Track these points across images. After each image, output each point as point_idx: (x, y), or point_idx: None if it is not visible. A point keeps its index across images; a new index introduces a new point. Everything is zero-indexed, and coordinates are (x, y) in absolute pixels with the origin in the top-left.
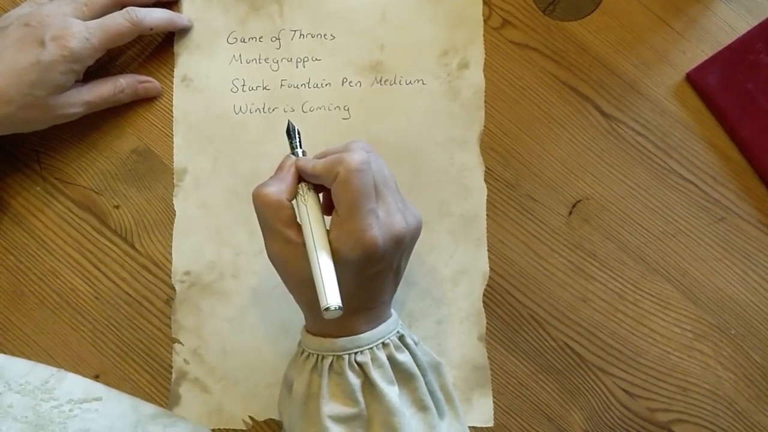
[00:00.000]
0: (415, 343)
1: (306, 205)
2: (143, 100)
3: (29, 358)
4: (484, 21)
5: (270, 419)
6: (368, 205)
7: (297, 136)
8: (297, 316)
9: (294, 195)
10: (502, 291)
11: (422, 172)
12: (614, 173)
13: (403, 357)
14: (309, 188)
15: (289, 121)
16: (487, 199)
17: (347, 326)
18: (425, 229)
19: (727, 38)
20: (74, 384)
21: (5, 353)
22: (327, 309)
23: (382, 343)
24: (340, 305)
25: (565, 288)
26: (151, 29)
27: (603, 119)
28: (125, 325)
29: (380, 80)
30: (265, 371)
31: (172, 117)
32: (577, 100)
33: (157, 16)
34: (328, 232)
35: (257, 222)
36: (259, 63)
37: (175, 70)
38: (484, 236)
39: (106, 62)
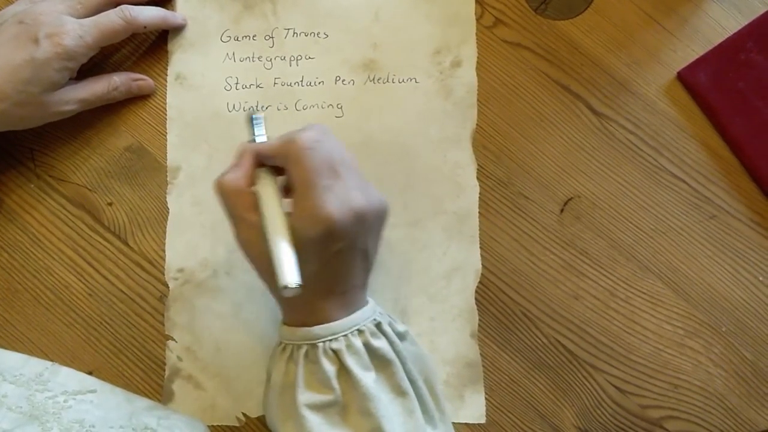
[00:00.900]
0: (400, 336)
1: (261, 189)
2: (137, 98)
3: None
4: (477, 20)
5: (263, 416)
6: (322, 181)
7: (256, 123)
8: None
9: (252, 180)
10: (494, 288)
11: (415, 170)
12: (606, 171)
13: (379, 343)
14: (267, 172)
15: (251, 108)
16: (479, 197)
17: (320, 314)
18: (418, 226)
19: (718, 37)
20: (68, 377)
21: None
22: (285, 287)
23: (357, 329)
24: (299, 283)
25: (556, 285)
26: (145, 27)
27: (594, 117)
28: (119, 322)
29: (373, 78)
30: (259, 368)
31: (166, 115)
32: (569, 98)
33: (150, 14)
34: (288, 214)
35: None
36: (253, 61)
37: (169, 68)
38: (476, 234)
39: (101, 60)
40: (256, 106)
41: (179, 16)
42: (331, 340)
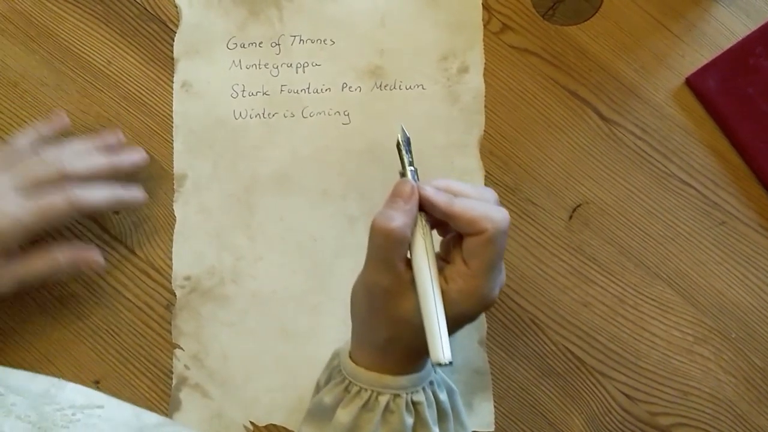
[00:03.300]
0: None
1: (419, 244)
2: (143, 105)
3: (30, 364)
4: (484, 26)
5: (271, 425)
6: (500, 265)
7: (409, 149)
8: (296, 321)
9: (413, 228)
10: (502, 295)
11: (422, 176)
12: (614, 177)
13: (443, 396)
14: (427, 223)
15: (402, 127)
16: None
17: (405, 365)
18: None
19: (727, 42)
20: (75, 392)
21: (5, 359)
22: (439, 364)
23: (429, 381)
24: (451, 360)
25: (565, 292)
26: (92, 212)
27: (603, 123)
28: (125, 330)
29: (380, 85)
30: (266, 376)
31: (172, 122)
32: (577, 104)
33: (99, 196)
34: (443, 278)
35: (258, 227)
36: (259, 68)
37: (174, 75)
38: None
39: (104, 65)
40: (263, 114)
41: (135, 192)
42: (414, 393)
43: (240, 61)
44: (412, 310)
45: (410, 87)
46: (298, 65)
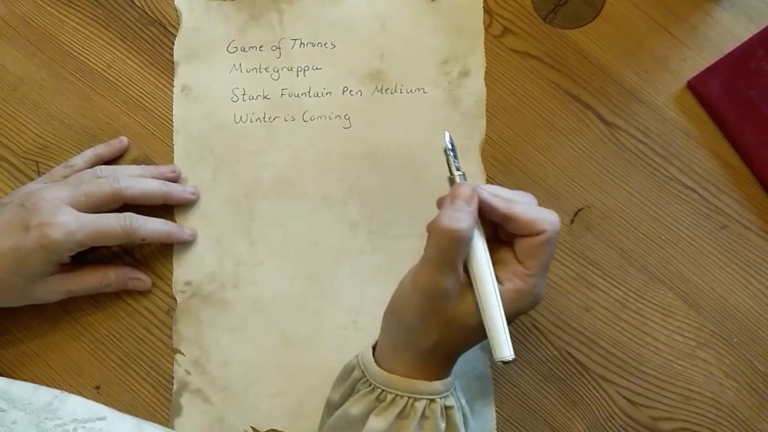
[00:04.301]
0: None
1: (477, 247)
2: (143, 109)
3: (31, 371)
4: (485, 29)
5: (271, 430)
6: (548, 265)
7: (455, 154)
8: (297, 327)
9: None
10: None
11: (423, 180)
12: (616, 181)
13: (464, 401)
14: (480, 228)
15: (448, 134)
16: None
17: (438, 370)
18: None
19: (728, 46)
20: (77, 405)
21: (5, 365)
22: (504, 362)
23: (455, 386)
24: (514, 356)
25: (567, 296)
26: (144, 240)
27: (604, 127)
28: (126, 335)
29: (381, 89)
30: (266, 382)
31: (172, 127)
32: (578, 108)
33: (154, 227)
34: (499, 279)
35: (258, 232)
36: (260, 72)
37: (174, 79)
38: None
39: (104, 69)
40: (263, 118)
41: (186, 232)
42: (445, 397)
43: (240, 65)
44: (468, 312)
45: (411, 91)
46: (299, 69)
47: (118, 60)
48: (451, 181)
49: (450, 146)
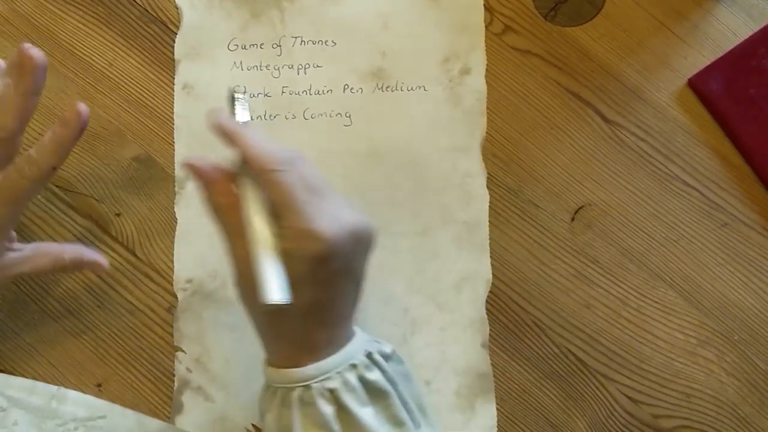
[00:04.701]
0: (386, 357)
1: (243, 193)
2: (144, 107)
3: (32, 368)
4: (486, 27)
5: None
6: (302, 197)
7: (239, 103)
8: None
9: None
10: (505, 298)
11: (424, 178)
12: (617, 179)
13: (374, 375)
14: (249, 177)
15: (236, 87)
16: (489, 206)
17: (310, 351)
18: (429, 235)
19: (729, 43)
20: (77, 402)
21: (6, 362)
22: (270, 303)
23: (351, 364)
24: (288, 299)
25: (568, 294)
26: (53, 160)
27: (605, 125)
28: (127, 333)
29: (382, 87)
30: None
31: (173, 124)
32: (579, 105)
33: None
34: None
35: None
36: (260, 70)
37: (175, 77)
38: (486, 243)
39: (105, 67)
40: (264, 115)
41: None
42: (325, 380)
43: (241, 63)
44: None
45: (412, 89)
46: (300, 67)
47: (119, 58)
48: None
49: (235, 98)
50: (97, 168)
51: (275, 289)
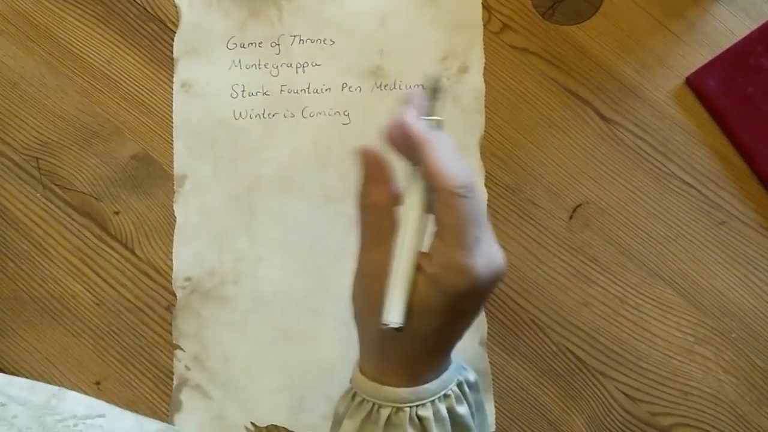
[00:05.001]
0: (470, 386)
1: (408, 201)
2: (143, 105)
3: (31, 366)
4: (484, 25)
5: (272, 425)
6: (473, 231)
7: (438, 96)
8: (297, 323)
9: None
10: (503, 295)
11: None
12: (615, 177)
13: (463, 410)
14: (421, 180)
15: (433, 75)
16: (487, 204)
17: (410, 373)
18: (428, 233)
19: (727, 42)
20: (76, 402)
21: (6, 360)
22: (385, 324)
23: (444, 394)
24: (401, 324)
25: (566, 292)
26: None
27: (603, 123)
28: (126, 331)
29: (380, 85)
30: (266, 377)
31: (172, 123)
32: (577, 104)
33: None
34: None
35: (258, 228)
36: (259, 68)
37: (174, 75)
38: None
39: (104, 65)
40: (263, 114)
41: None
42: (418, 406)
43: (240, 61)
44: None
45: (410, 87)
46: (298, 65)
47: (117, 56)
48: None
49: (434, 87)
50: (96, 166)
51: (397, 312)
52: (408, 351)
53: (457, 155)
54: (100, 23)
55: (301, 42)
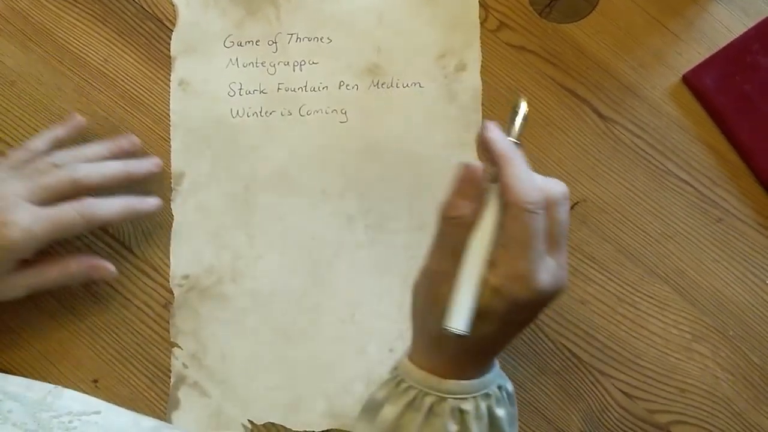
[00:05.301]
0: (509, 396)
1: (488, 218)
2: (140, 104)
3: (28, 364)
4: (481, 24)
5: (269, 423)
6: (539, 245)
7: (519, 118)
8: (295, 320)
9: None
10: None
11: (420, 174)
12: (612, 175)
13: (501, 412)
14: (498, 194)
15: (518, 95)
16: None
17: (458, 368)
18: (424, 231)
19: (724, 40)
20: (73, 399)
21: (3, 358)
22: (448, 329)
23: (486, 393)
24: (466, 332)
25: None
26: (106, 222)
27: (600, 121)
28: (124, 329)
29: (377, 83)
30: (264, 375)
31: (170, 121)
32: (575, 102)
33: (113, 208)
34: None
35: (256, 226)
36: (256, 66)
37: (171, 74)
38: None
39: (101, 64)
40: (260, 112)
41: (149, 201)
42: (461, 399)
43: (237, 60)
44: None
45: (407, 85)
46: (295, 63)
47: (115, 55)
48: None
49: (517, 111)
50: None
51: (462, 320)
52: (460, 351)
53: (534, 174)
54: (98, 22)
55: (299, 40)
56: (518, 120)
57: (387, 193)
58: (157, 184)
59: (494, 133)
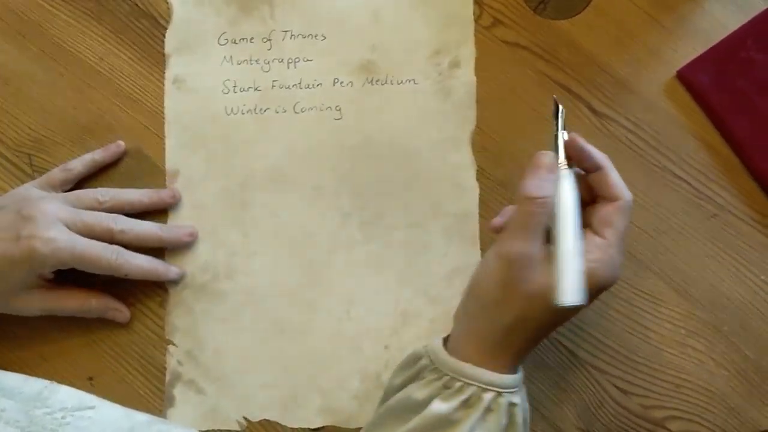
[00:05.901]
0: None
1: (573, 200)
2: (135, 101)
3: (23, 362)
4: (475, 20)
5: (264, 420)
6: (623, 240)
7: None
8: (290, 317)
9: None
10: None
11: (415, 171)
12: None
13: (526, 405)
14: (573, 176)
15: (555, 98)
16: (479, 198)
17: (518, 360)
18: (419, 228)
19: (718, 35)
20: (67, 395)
21: None
22: (564, 302)
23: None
24: (584, 302)
25: None
26: (126, 275)
27: (595, 118)
28: (119, 327)
29: (372, 80)
30: (260, 372)
31: (164, 119)
32: (569, 98)
33: (139, 264)
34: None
35: (251, 222)
36: (251, 64)
37: (166, 71)
38: (477, 235)
39: (96, 62)
40: (255, 109)
41: (173, 270)
42: (512, 393)
43: (231, 57)
44: (548, 284)
45: (402, 82)
46: (290, 61)
47: (109, 53)
48: (555, 138)
49: (556, 111)
50: None
51: (576, 291)
52: (522, 342)
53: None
54: (92, 19)
55: (293, 37)
56: (561, 145)
57: (382, 189)
58: (152, 181)
59: (578, 140)
